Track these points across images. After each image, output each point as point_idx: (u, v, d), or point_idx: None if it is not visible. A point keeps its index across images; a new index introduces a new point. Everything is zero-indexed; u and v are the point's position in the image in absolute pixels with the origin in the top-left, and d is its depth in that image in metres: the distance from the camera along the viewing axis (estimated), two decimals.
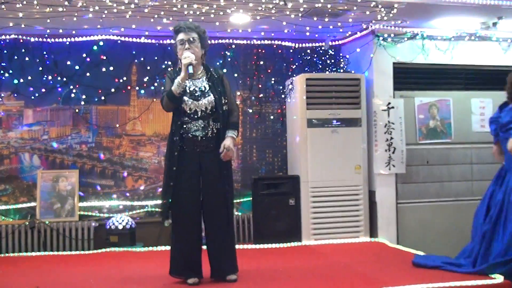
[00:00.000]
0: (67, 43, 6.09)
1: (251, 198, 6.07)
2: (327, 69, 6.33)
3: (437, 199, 6.33)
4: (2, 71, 6.02)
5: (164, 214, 4.09)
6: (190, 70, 3.89)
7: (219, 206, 4.11)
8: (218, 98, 4.09)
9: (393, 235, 6.13)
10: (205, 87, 4.12)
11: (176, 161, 4.01)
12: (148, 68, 6.32)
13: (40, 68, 6.09)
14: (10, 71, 6.04)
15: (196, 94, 4.07)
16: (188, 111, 4.04)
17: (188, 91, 4.06)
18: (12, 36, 5.98)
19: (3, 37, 5.96)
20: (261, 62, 6.61)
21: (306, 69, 6.38)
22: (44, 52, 6.08)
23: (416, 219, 6.25)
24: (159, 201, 6.16)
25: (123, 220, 5.81)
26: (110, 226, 5.79)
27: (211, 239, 4.14)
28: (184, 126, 4.04)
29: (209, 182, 4.09)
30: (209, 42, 4.32)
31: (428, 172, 6.34)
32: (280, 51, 6.64)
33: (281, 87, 6.64)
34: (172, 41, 4.27)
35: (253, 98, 6.62)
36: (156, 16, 5.38)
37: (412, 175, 6.28)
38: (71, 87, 6.17)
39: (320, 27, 6.00)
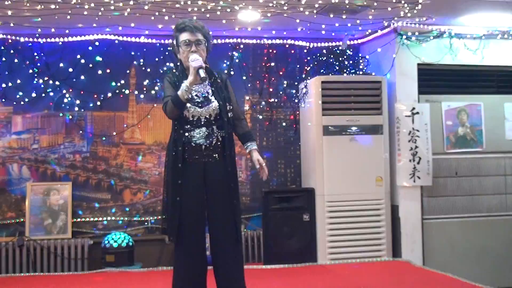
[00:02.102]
0: (60, 43, 6.13)
1: (261, 214, 6.10)
2: (344, 71, 6.36)
3: (467, 214, 6.33)
4: None
5: (173, 233, 4.04)
6: (202, 73, 3.88)
7: (226, 222, 4.08)
8: (223, 104, 4.08)
9: (418, 254, 6.12)
10: (208, 92, 4.11)
11: (181, 174, 4.00)
12: (148, 70, 6.35)
13: (30, 71, 6.14)
14: None
15: (199, 100, 4.06)
16: (191, 118, 4.03)
17: (189, 96, 4.07)
18: (0, 36, 6.03)
19: None
20: (272, 64, 6.64)
21: (322, 71, 6.41)
22: (35, 54, 6.13)
23: (443, 237, 6.24)
24: (159, 217, 6.19)
25: (120, 238, 5.81)
26: (106, 245, 5.79)
27: (217, 259, 4.10)
28: (187, 134, 4.03)
29: (214, 196, 4.07)
30: (215, 41, 4.32)
31: (457, 184, 6.34)
32: (293, 51, 6.67)
33: (294, 91, 6.66)
34: (170, 40, 4.23)
35: (263, 103, 6.64)
36: (157, 13, 5.40)
37: (439, 188, 6.27)
38: (64, 91, 6.21)
39: (337, 25, 6.00)
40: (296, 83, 6.64)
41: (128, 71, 6.35)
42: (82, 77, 6.23)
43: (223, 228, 4.08)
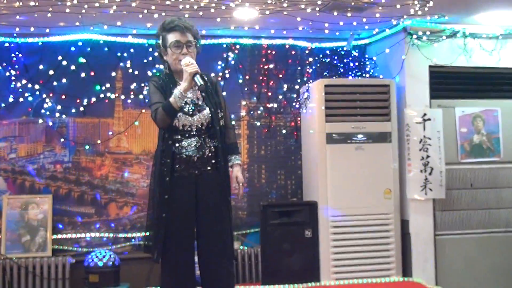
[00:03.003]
0: (40, 43, 6.10)
1: (259, 229, 6.06)
2: (350, 73, 6.34)
3: (483, 230, 6.29)
4: None
5: (157, 252, 4.00)
6: (200, 81, 3.85)
7: (218, 238, 4.07)
8: (214, 111, 4.07)
9: (430, 273, 6.09)
10: (198, 98, 4.09)
11: (169, 188, 3.96)
12: (136, 73, 6.32)
13: (7, 74, 6.09)
14: None
15: (190, 108, 4.02)
16: (181, 128, 4.00)
17: (183, 104, 3.98)
18: None
19: None
20: (271, 66, 6.62)
21: (325, 73, 6.38)
22: (12, 55, 6.09)
23: (458, 254, 6.21)
24: (148, 233, 6.16)
25: (105, 256, 5.77)
26: (90, 263, 5.75)
27: (207, 279, 4.09)
28: (177, 144, 4.00)
29: (206, 211, 4.05)
30: (209, 41, 4.28)
31: (472, 197, 6.30)
32: (293, 52, 6.67)
33: (294, 96, 6.64)
34: (155, 40, 4.21)
35: (261, 108, 6.62)
36: (145, 11, 5.37)
37: (453, 201, 6.24)
38: (44, 95, 6.16)
39: (341, 23, 6.00)
40: (297, 87, 6.63)
41: (114, 74, 6.31)
42: (64, 80, 6.19)
43: (215, 245, 4.07)
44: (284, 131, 6.66)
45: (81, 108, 6.22)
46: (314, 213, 5.97)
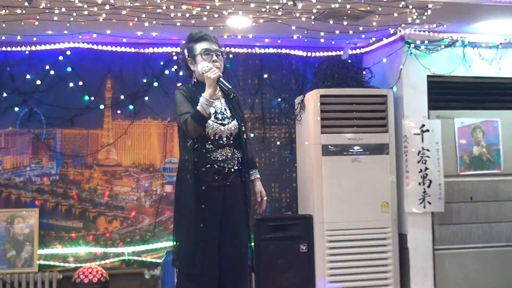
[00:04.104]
0: (27, 52, 6.10)
1: (253, 244, 5.95)
2: (346, 83, 6.30)
3: (483, 244, 6.29)
4: None
5: (196, 264, 4.02)
6: (227, 84, 3.93)
7: (241, 250, 4.19)
8: (240, 123, 4.20)
9: None
10: (225, 109, 4.20)
11: (205, 197, 4.03)
12: (126, 83, 6.32)
13: None
14: None
15: (221, 117, 4.14)
16: (212, 137, 4.09)
17: (211, 111, 4.07)
18: None
19: None
20: (265, 76, 6.64)
21: (321, 83, 6.35)
22: None
23: (457, 269, 6.21)
24: (138, 248, 6.26)
25: (93, 272, 5.75)
26: (77, 279, 5.72)
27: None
28: (209, 155, 4.07)
29: (229, 223, 4.13)
30: None
31: (472, 210, 6.30)
32: (288, 62, 6.69)
33: (289, 106, 6.63)
34: (180, 49, 4.31)
35: (255, 119, 6.63)
36: (136, 19, 5.39)
37: (453, 214, 6.24)
38: (32, 106, 6.16)
39: (337, 32, 6.00)
40: (291, 97, 6.63)
41: (103, 84, 6.31)
42: (52, 91, 6.19)
43: (239, 259, 4.17)
44: (278, 143, 6.67)
45: (69, 119, 6.22)
46: (309, 227, 5.96)
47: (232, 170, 4.12)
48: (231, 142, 4.13)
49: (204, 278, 4.03)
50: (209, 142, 4.07)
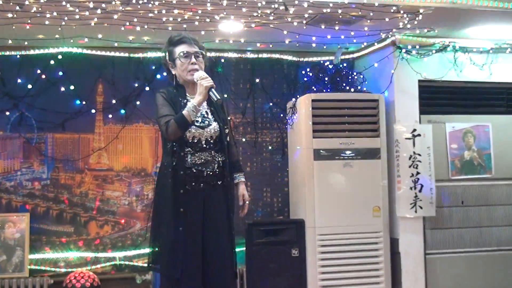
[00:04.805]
0: (18, 56, 6.10)
1: (244, 248, 6.01)
2: (337, 88, 6.35)
3: (475, 248, 6.32)
4: None
5: (176, 269, 4.02)
6: (217, 95, 3.95)
7: (224, 256, 4.15)
8: (222, 126, 4.18)
9: None
10: (207, 113, 4.19)
11: (183, 201, 4.02)
12: (118, 87, 6.33)
13: None
14: None
15: (200, 120, 4.11)
16: (191, 140, 4.08)
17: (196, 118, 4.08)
18: None
19: None
20: (257, 80, 6.66)
21: (312, 88, 6.39)
22: None
23: (449, 273, 6.23)
24: (129, 253, 6.25)
25: (84, 277, 5.75)
26: (69, 284, 5.72)
27: None
28: (187, 158, 4.07)
29: (211, 228, 4.11)
30: None
31: (464, 215, 6.33)
32: (280, 66, 6.71)
33: (281, 111, 6.66)
34: (160, 53, 4.31)
35: (247, 124, 6.64)
36: (127, 23, 5.39)
37: (444, 219, 6.27)
38: (23, 110, 6.16)
39: (329, 37, 6.02)
40: (283, 102, 6.65)
41: (94, 88, 6.32)
42: (43, 95, 6.19)
43: (222, 263, 4.14)
44: (270, 147, 6.68)
45: (61, 123, 6.21)
46: (301, 232, 5.97)
47: (212, 174, 4.09)
48: (212, 145, 4.11)
49: (186, 282, 4.02)
50: (188, 146, 4.06)
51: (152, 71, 6.35)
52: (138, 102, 6.33)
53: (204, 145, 4.10)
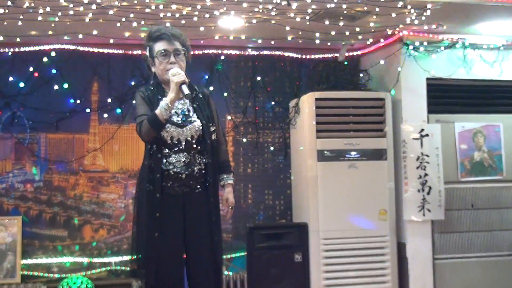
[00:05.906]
0: (9, 53, 6.09)
1: (245, 253, 6.04)
2: (342, 86, 6.33)
3: (485, 253, 6.31)
4: None
5: (150, 276, 4.02)
6: (186, 90, 3.89)
7: (207, 263, 4.12)
8: (206, 124, 4.11)
9: None
10: (189, 110, 4.13)
11: (159, 206, 3.98)
12: (113, 85, 6.32)
13: None
14: None
15: (179, 119, 4.06)
16: (169, 141, 4.03)
17: (169, 116, 4.01)
18: None
19: None
20: (258, 78, 6.65)
21: (316, 86, 6.38)
22: None
23: (458, 279, 6.22)
24: (125, 257, 6.20)
25: (78, 282, 5.74)
26: None
27: None
28: (165, 160, 4.02)
29: (195, 233, 4.09)
30: (191, 52, 4.31)
31: (474, 218, 6.32)
32: (282, 64, 6.71)
33: (283, 110, 6.65)
34: (142, 51, 4.28)
35: (248, 123, 6.64)
36: (123, 19, 5.38)
37: (453, 222, 6.26)
38: (14, 110, 6.16)
39: (333, 33, 6.02)
40: (286, 101, 6.64)
41: (89, 86, 6.32)
42: (36, 94, 6.18)
43: (205, 270, 4.11)
44: (272, 148, 6.67)
45: (54, 123, 6.20)
46: (304, 236, 5.97)
47: (191, 176, 4.04)
48: (193, 145, 4.06)
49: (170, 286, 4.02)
50: (166, 146, 4.02)
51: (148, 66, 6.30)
52: (134, 101, 6.27)
53: (184, 146, 4.04)
